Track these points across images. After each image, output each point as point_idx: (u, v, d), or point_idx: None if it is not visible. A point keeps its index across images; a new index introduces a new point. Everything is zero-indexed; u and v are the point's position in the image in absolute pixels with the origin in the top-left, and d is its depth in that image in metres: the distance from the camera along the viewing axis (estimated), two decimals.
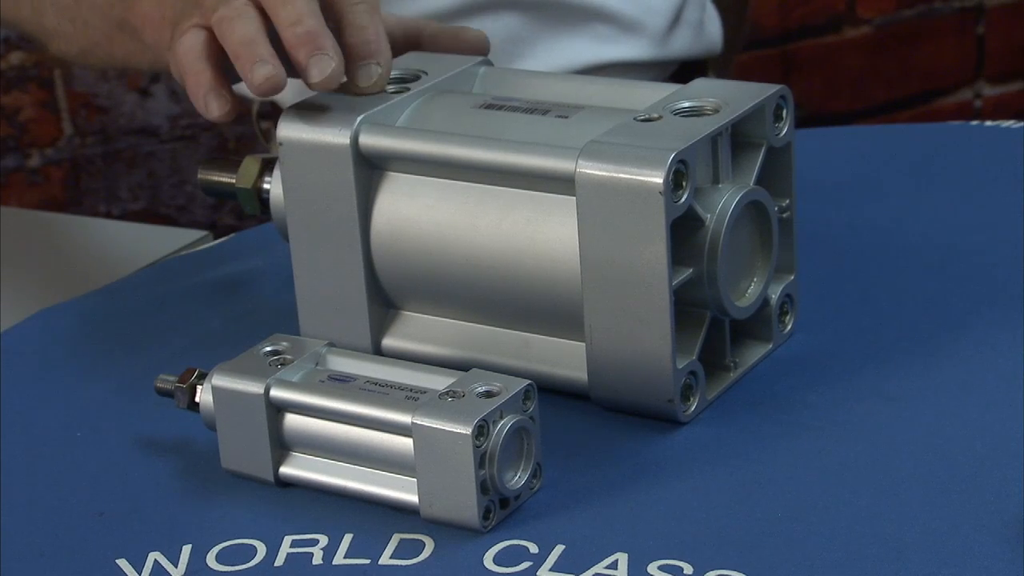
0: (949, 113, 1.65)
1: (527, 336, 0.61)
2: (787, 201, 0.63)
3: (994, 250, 0.69)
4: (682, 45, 0.96)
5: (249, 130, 1.51)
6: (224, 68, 0.61)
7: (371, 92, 0.61)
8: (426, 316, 0.64)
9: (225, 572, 0.54)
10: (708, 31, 0.99)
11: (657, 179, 0.56)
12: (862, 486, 0.55)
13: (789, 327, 0.64)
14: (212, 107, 0.60)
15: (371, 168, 0.63)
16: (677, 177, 0.57)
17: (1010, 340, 0.62)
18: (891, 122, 1.61)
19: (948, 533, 0.52)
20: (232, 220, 1.54)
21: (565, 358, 0.61)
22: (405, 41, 0.68)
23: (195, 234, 0.99)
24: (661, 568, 0.52)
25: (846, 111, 1.62)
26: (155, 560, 0.55)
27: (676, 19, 0.95)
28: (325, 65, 0.59)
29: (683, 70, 0.98)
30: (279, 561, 0.54)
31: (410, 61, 0.67)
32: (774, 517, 0.54)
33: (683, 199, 0.57)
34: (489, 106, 0.64)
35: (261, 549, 0.55)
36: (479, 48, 0.68)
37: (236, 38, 0.60)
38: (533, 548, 0.53)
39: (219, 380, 0.58)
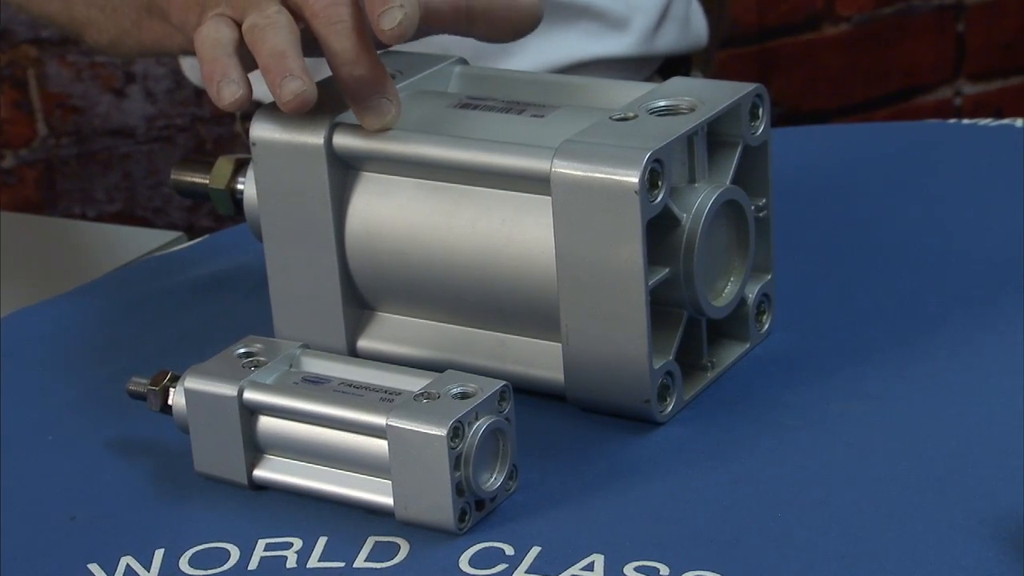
0: (929, 111, 1.65)
1: (503, 337, 0.61)
2: (764, 200, 0.63)
3: (972, 249, 0.70)
4: (668, 41, 0.97)
5: (227, 131, 1.51)
6: (243, 58, 0.60)
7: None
8: (401, 317, 0.64)
9: None
10: (694, 26, 0.99)
11: (632, 178, 0.56)
12: (841, 486, 0.55)
13: (766, 327, 0.64)
14: (224, 94, 0.59)
15: (345, 168, 0.63)
16: (653, 176, 0.57)
17: (988, 337, 0.62)
18: (870, 120, 1.61)
19: (927, 534, 0.52)
20: (209, 222, 1.54)
21: (541, 358, 0.61)
22: (454, 14, 0.63)
23: (169, 235, 0.99)
24: (637, 569, 0.52)
25: (824, 109, 1.62)
26: (127, 564, 0.55)
27: (663, 15, 0.96)
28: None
29: (668, 65, 0.99)
30: (253, 565, 0.54)
31: (383, 61, 0.67)
32: (751, 518, 0.54)
33: (659, 198, 0.57)
34: (464, 105, 0.63)
35: (235, 553, 0.55)
36: (532, 18, 0.64)
37: (266, 49, 0.59)
38: (509, 550, 0.53)
39: (192, 382, 0.58)
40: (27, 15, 0.82)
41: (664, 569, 0.52)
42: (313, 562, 0.54)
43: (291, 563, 0.54)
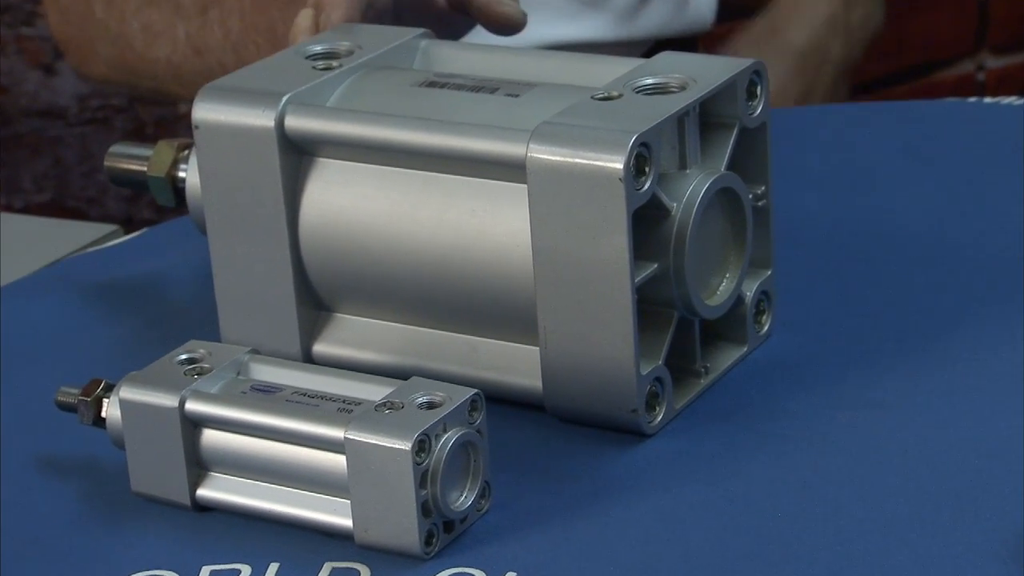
0: (948, 88, 1.66)
1: (474, 340, 0.62)
2: (763, 188, 0.63)
3: (993, 242, 0.70)
4: (655, 22, 0.96)
5: (170, 112, 1.50)
6: None
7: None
8: (361, 319, 0.64)
9: None
10: (695, 4, 0.98)
11: (617, 164, 0.56)
12: (846, 503, 0.55)
13: (766, 328, 0.65)
14: None
15: (299, 153, 0.63)
16: (639, 162, 0.57)
17: (1008, 341, 0.63)
18: (883, 98, 1.62)
19: (941, 554, 0.52)
20: (151, 214, 1.54)
21: (516, 364, 0.61)
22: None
23: (104, 228, 0.99)
24: None
25: None
26: None
27: None
28: None
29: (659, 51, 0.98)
30: None
31: (341, 34, 0.67)
32: (749, 540, 0.54)
33: (646, 186, 0.57)
34: (431, 84, 0.64)
35: None
36: (513, 23, 0.70)
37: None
38: None
39: (128, 392, 0.58)
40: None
41: None
42: None
43: None
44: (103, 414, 0.59)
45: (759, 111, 0.62)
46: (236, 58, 0.88)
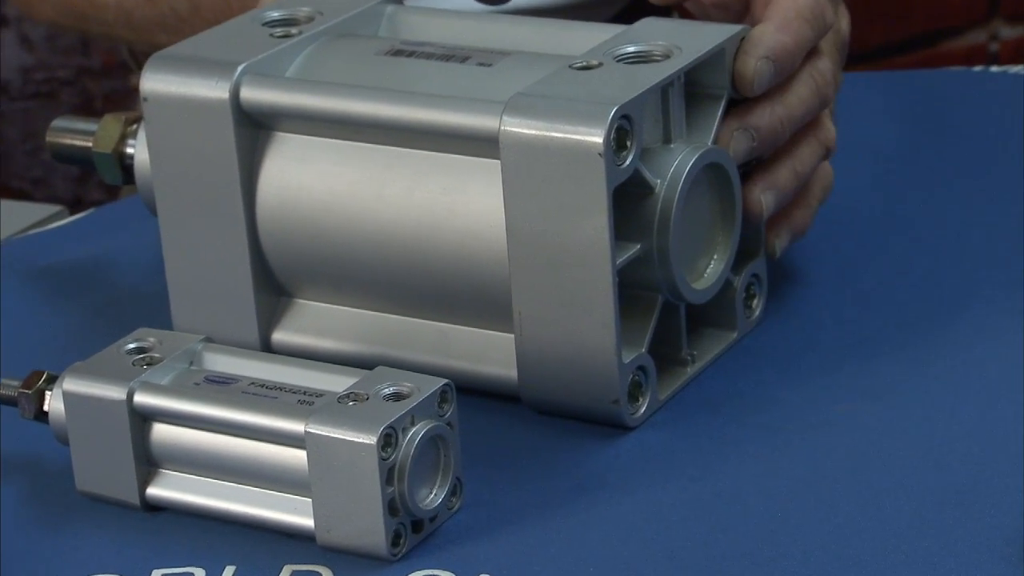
0: (959, 59, 1.66)
1: (444, 327, 0.62)
2: (753, 164, 0.64)
3: (998, 223, 0.70)
4: None
5: (121, 84, 1.50)
6: None
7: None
8: (324, 304, 0.64)
9: None
10: None
11: (596, 138, 0.56)
12: (841, 500, 0.56)
13: (756, 313, 0.65)
14: None
15: (255, 127, 0.63)
16: (620, 135, 0.57)
17: (1014, 327, 0.63)
18: (887, 69, 1.62)
19: (945, 555, 0.53)
20: (101, 195, 1.54)
21: (490, 352, 0.61)
22: None
23: (48, 209, 0.99)
24: None
25: None
26: None
27: None
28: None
29: (637, 8, 0.99)
30: None
31: None
32: (738, 538, 0.54)
33: (627, 161, 0.58)
34: (397, 52, 0.64)
35: None
36: None
37: None
38: None
39: (72, 384, 0.58)
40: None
41: None
42: None
43: None
44: (46, 408, 0.59)
45: None
46: (190, 6, 0.88)
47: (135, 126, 0.67)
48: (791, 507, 0.55)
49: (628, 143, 0.57)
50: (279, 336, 0.64)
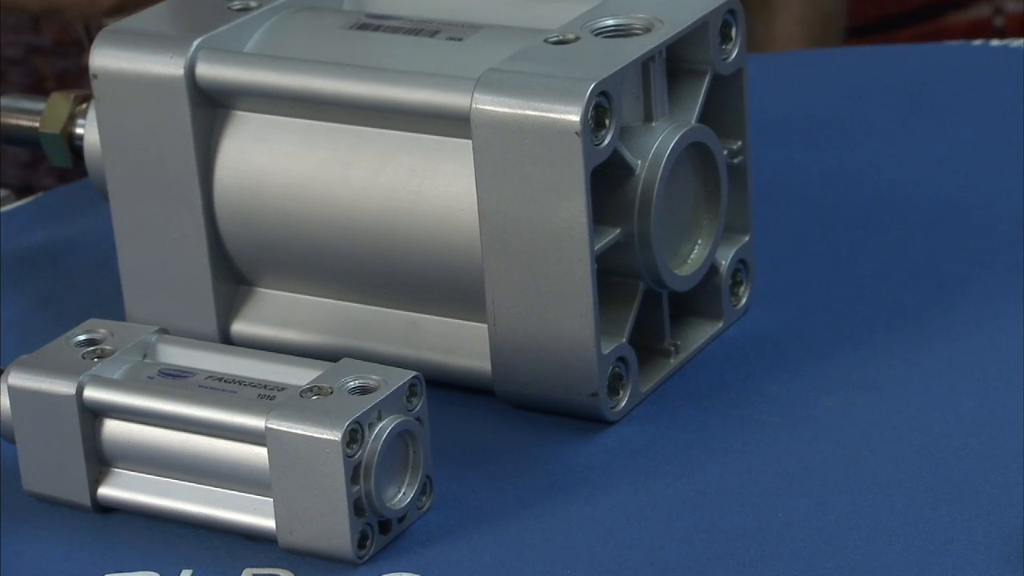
0: (961, 33, 1.66)
1: (413, 316, 0.62)
2: (739, 143, 0.64)
3: (998, 204, 0.71)
4: None
5: (74, 64, 1.50)
6: None
7: None
8: (286, 293, 0.64)
9: None
10: None
11: (573, 116, 0.57)
12: (832, 496, 0.56)
13: (743, 301, 0.65)
14: None
15: (212, 106, 0.63)
16: (598, 113, 0.57)
17: (1014, 314, 0.63)
18: (889, 42, 1.62)
19: (940, 553, 0.53)
20: (53, 181, 1.53)
21: (461, 343, 0.61)
22: None
23: None
24: None
25: None
26: None
27: None
28: None
29: None
30: None
31: None
32: (724, 537, 0.55)
33: (606, 141, 0.58)
34: (363, 26, 0.64)
35: None
36: None
37: None
38: None
39: (18, 378, 0.58)
40: None
41: None
42: None
43: None
44: None
45: (734, 56, 0.63)
46: None
47: (85, 105, 0.67)
48: (779, 505, 0.56)
49: (607, 121, 0.58)
50: (238, 327, 0.64)
